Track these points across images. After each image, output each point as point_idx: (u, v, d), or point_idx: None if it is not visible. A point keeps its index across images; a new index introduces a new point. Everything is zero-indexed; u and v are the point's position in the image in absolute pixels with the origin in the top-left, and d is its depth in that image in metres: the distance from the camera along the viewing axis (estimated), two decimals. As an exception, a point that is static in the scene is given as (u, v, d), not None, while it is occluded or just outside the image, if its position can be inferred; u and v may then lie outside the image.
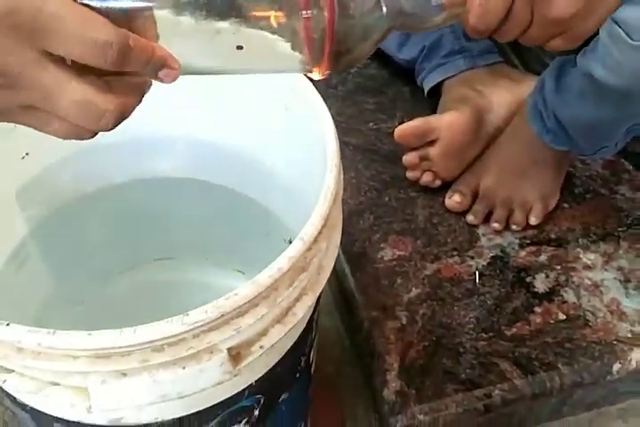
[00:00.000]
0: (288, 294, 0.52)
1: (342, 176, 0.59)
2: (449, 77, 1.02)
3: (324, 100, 0.60)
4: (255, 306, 0.50)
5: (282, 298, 0.51)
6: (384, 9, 0.45)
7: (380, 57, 1.10)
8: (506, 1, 0.50)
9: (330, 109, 0.59)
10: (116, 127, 0.42)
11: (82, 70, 0.38)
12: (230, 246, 0.83)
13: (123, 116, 0.41)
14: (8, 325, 0.45)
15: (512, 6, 0.51)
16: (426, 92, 1.04)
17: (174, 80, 0.42)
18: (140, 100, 0.43)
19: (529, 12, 0.52)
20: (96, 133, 0.42)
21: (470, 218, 0.93)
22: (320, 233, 0.53)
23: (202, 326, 0.47)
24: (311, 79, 0.62)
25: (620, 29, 0.68)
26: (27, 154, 0.69)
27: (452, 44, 1.03)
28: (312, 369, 0.72)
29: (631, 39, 0.67)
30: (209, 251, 0.85)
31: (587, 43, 0.78)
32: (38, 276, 0.75)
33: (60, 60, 0.37)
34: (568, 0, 0.52)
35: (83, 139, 0.42)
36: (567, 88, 0.83)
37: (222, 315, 0.47)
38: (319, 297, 0.59)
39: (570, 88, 0.83)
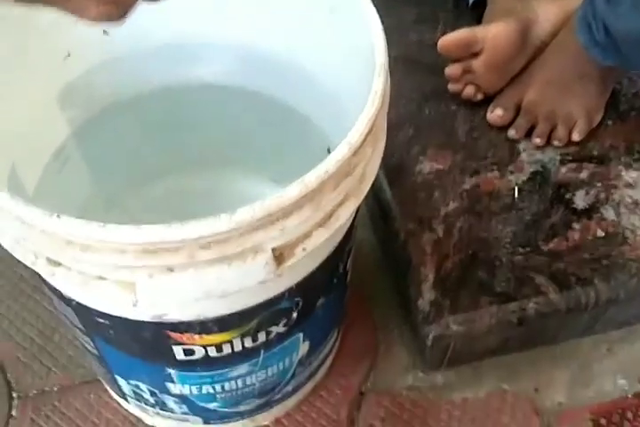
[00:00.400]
0: (332, 198, 0.52)
1: (389, 82, 0.58)
2: None
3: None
4: (300, 208, 0.50)
5: (326, 201, 0.52)
6: None
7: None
8: None
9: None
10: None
11: None
12: (267, 155, 0.83)
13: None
14: (59, 217, 0.46)
15: None
16: (470, 2, 1.02)
17: None
18: None
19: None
20: (126, 13, 0.42)
21: (512, 132, 0.92)
22: (366, 139, 0.53)
23: (248, 224, 0.48)
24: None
25: None
26: (68, 54, 0.69)
27: None
28: (348, 278, 0.73)
29: None
30: (246, 159, 0.85)
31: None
32: (79, 177, 0.76)
33: None
34: None
35: (112, 19, 0.42)
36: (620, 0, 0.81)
37: (269, 214, 0.48)
38: (359, 206, 0.60)
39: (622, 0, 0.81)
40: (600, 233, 0.84)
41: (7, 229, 0.50)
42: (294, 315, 0.63)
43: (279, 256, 0.52)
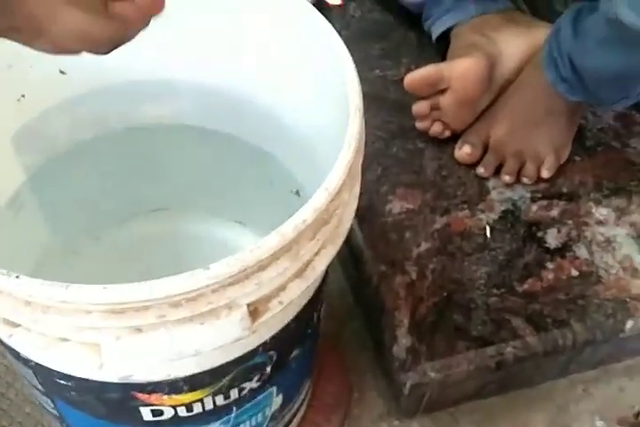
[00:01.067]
0: (310, 248, 0.50)
1: (364, 125, 0.57)
2: (458, 23, 0.99)
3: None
4: (277, 259, 0.48)
5: (304, 251, 0.49)
6: None
7: (385, 1, 1.07)
8: None
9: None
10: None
11: None
12: (230, 196, 0.81)
13: (122, 41, 0.40)
14: (18, 277, 0.43)
15: None
16: (434, 37, 1.01)
17: None
18: (144, 27, 0.41)
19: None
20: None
21: (481, 170, 0.91)
22: (344, 183, 0.51)
23: (223, 280, 0.45)
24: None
25: None
26: (22, 96, 0.66)
27: None
28: (321, 326, 0.71)
29: None
30: (208, 201, 0.83)
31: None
32: (35, 224, 0.74)
33: None
34: None
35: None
36: (586, 34, 0.81)
37: (245, 269, 0.45)
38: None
39: (590, 34, 0.81)
40: (574, 272, 0.84)
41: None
42: (268, 369, 0.61)
43: (254, 311, 0.50)
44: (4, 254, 0.65)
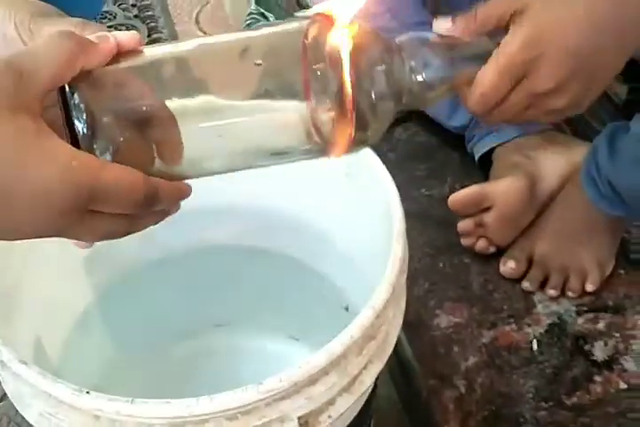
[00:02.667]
0: (357, 363, 0.53)
1: (407, 248, 0.60)
2: (499, 144, 1.04)
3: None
4: (326, 374, 0.51)
5: (351, 366, 0.52)
6: (394, 89, 0.46)
7: (429, 125, 1.12)
8: (500, 95, 0.57)
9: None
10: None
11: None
12: (285, 312, 0.84)
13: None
14: (88, 393, 0.46)
15: (508, 97, 0.58)
16: (477, 158, 1.06)
17: None
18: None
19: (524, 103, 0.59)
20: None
21: (526, 284, 0.93)
22: (388, 301, 0.54)
23: (275, 394, 0.48)
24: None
25: None
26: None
27: None
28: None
29: None
30: (264, 317, 0.86)
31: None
32: (102, 340, 0.77)
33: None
34: (566, 94, 0.58)
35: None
36: (621, 154, 0.85)
37: (295, 383, 0.48)
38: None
39: (624, 154, 0.84)
40: (622, 385, 0.84)
41: (33, 402, 0.51)
42: (320, 482, 0.62)
43: (305, 424, 0.52)
44: (72, 367, 0.69)
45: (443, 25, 0.56)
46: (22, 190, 0.36)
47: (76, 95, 0.40)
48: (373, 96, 0.45)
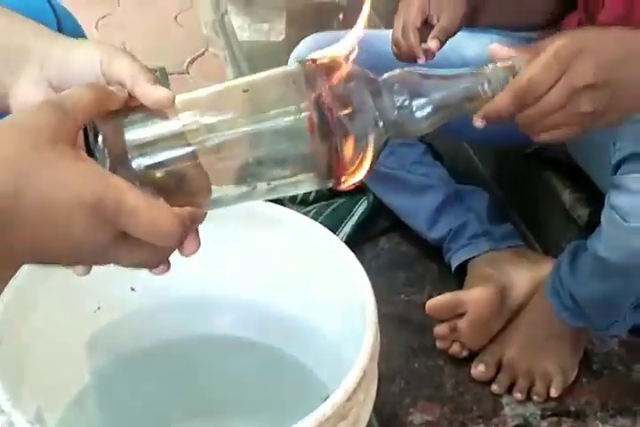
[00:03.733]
0: (329, 440, 0.57)
1: (379, 336, 0.65)
2: (474, 257, 1.10)
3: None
4: (300, 450, 0.54)
5: (323, 443, 0.56)
6: (380, 124, 0.50)
7: (410, 236, 1.18)
8: (544, 85, 0.60)
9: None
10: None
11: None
12: (267, 403, 0.87)
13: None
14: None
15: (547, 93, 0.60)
16: (453, 269, 1.12)
17: None
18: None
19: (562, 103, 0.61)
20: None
21: (495, 387, 0.97)
22: (359, 385, 0.58)
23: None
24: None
25: (616, 214, 0.76)
26: (98, 308, 0.77)
27: (477, 227, 1.11)
28: None
29: (625, 221, 0.75)
30: (247, 407, 0.88)
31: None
32: (94, 421, 0.80)
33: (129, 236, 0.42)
34: (599, 96, 0.61)
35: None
36: (580, 270, 0.90)
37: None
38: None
39: (582, 269, 0.90)
40: (582, 486, 0.86)
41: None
42: None
43: None
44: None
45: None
46: (62, 205, 0.39)
47: (99, 138, 0.45)
48: (361, 130, 0.49)
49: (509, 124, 0.62)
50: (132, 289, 0.79)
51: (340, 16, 1.83)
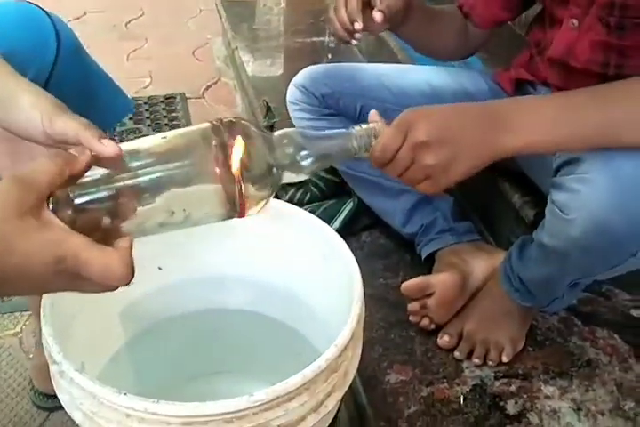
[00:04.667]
0: (323, 388, 0.57)
1: (364, 307, 0.66)
2: (440, 248, 1.11)
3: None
4: (300, 394, 0.55)
5: (319, 390, 0.57)
6: (274, 170, 0.55)
7: (388, 231, 1.19)
8: (394, 147, 0.65)
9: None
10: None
11: None
12: (270, 363, 0.87)
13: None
14: (125, 394, 0.51)
15: (397, 153, 0.65)
16: (423, 258, 1.12)
17: None
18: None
19: (409, 159, 0.66)
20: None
21: (457, 354, 0.97)
22: (348, 343, 0.59)
23: (261, 404, 0.52)
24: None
25: (555, 207, 0.77)
26: (132, 283, 0.76)
27: (443, 224, 1.12)
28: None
29: (563, 213, 0.76)
30: (254, 367, 0.88)
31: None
32: (127, 378, 0.80)
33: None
34: (434, 152, 0.66)
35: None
36: (526, 257, 0.91)
37: (276, 397, 0.53)
38: (342, 399, 0.64)
39: (528, 256, 0.91)
40: (529, 434, 0.87)
41: (80, 404, 0.54)
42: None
43: (282, 434, 0.56)
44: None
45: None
46: (33, 268, 0.42)
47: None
48: (259, 177, 0.53)
49: None
50: (160, 268, 0.79)
51: (329, 55, 1.85)
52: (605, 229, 0.73)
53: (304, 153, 0.57)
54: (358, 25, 0.86)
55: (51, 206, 0.45)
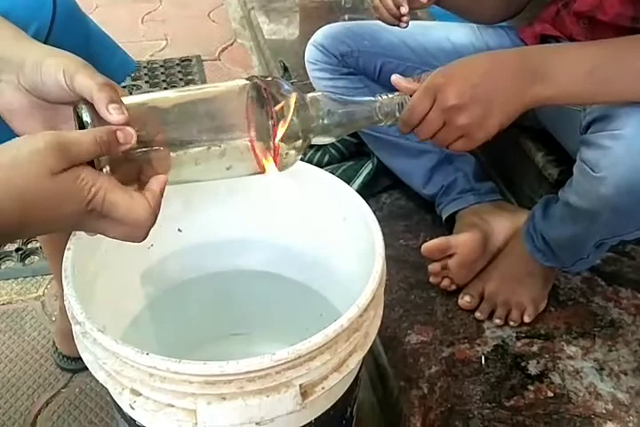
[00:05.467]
0: (345, 347, 0.57)
1: (385, 268, 0.65)
2: (461, 209, 1.10)
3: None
4: (322, 353, 0.55)
5: (341, 349, 0.56)
6: (303, 130, 0.55)
7: (408, 192, 1.18)
8: (422, 111, 0.66)
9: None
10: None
11: None
12: (289, 326, 0.88)
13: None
14: (148, 354, 0.51)
15: (426, 117, 0.66)
16: (443, 219, 1.11)
17: None
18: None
19: (440, 122, 0.66)
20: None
21: (478, 315, 0.97)
22: (369, 304, 0.59)
23: (283, 363, 0.52)
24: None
25: (585, 165, 0.76)
26: (152, 245, 0.77)
27: (464, 184, 1.11)
28: (353, 423, 0.75)
29: (593, 172, 0.74)
30: (272, 329, 0.88)
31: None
32: (148, 338, 0.80)
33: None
34: (467, 112, 0.66)
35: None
36: (551, 216, 0.90)
37: (299, 356, 0.53)
38: (363, 360, 0.64)
39: (553, 216, 0.89)
40: (550, 394, 0.86)
41: (103, 364, 0.55)
42: (311, 449, 0.64)
43: (304, 393, 0.56)
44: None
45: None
46: (64, 216, 0.44)
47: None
48: (290, 131, 0.54)
49: None
50: (179, 230, 0.79)
51: (346, 16, 1.82)
52: (638, 188, 0.71)
53: (333, 117, 0.59)
54: (404, 9, 0.87)
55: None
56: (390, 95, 0.64)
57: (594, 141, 0.74)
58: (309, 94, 0.59)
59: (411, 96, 0.66)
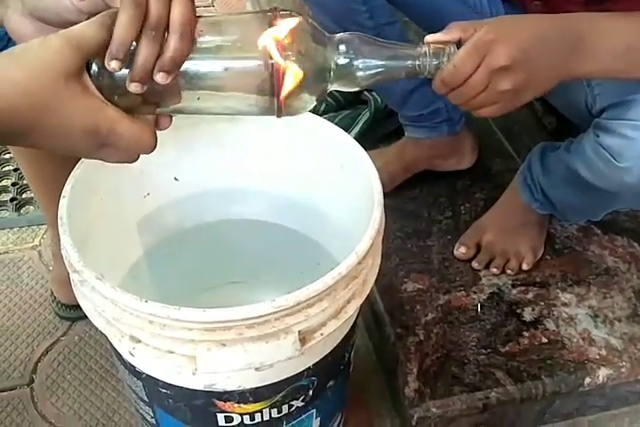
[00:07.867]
0: (343, 294, 0.57)
1: (384, 215, 0.65)
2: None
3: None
4: (320, 300, 0.55)
5: (339, 296, 0.56)
6: (324, 72, 0.49)
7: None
8: (467, 70, 0.58)
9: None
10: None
11: None
12: (287, 273, 0.88)
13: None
14: (146, 301, 0.51)
15: (470, 77, 0.59)
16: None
17: None
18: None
19: (483, 85, 0.60)
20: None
21: (475, 265, 0.97)
22: (368, 252, 0.58)
23: (282, 310, 0.52)
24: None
25: (606, 152, 0.73)
26: (148, 194, 0.76)
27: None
28: (351, 368, 0.76)
29: (616, 161, 0.72)
30: (269, 277, 0.88)
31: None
32: (145, 288, 0.80)
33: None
34: (513, 77, 0.60)
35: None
36: (552, 172, 0.89)
37: (298, 303, 0.52)
38: (361, 306, 0.64)
39: (554, 172, 0.88)
40: (544, 340, 0.88)
41: (102, 312, 0.55)
42: (310, 392, 0.65)
43: (303, 339, 0.56)
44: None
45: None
46: (71, 127, 0.44)
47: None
48: (308, 70, 0.47)
49: None
50: (176, 179, 0.78)
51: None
52: None
53: (364, 63, 0.51)
54: None
55: (92, 71, 0.45)
56: (436, 45, 0.55)
57: (614, 129, 0.72)
58: (340, 34, 0.51)
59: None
